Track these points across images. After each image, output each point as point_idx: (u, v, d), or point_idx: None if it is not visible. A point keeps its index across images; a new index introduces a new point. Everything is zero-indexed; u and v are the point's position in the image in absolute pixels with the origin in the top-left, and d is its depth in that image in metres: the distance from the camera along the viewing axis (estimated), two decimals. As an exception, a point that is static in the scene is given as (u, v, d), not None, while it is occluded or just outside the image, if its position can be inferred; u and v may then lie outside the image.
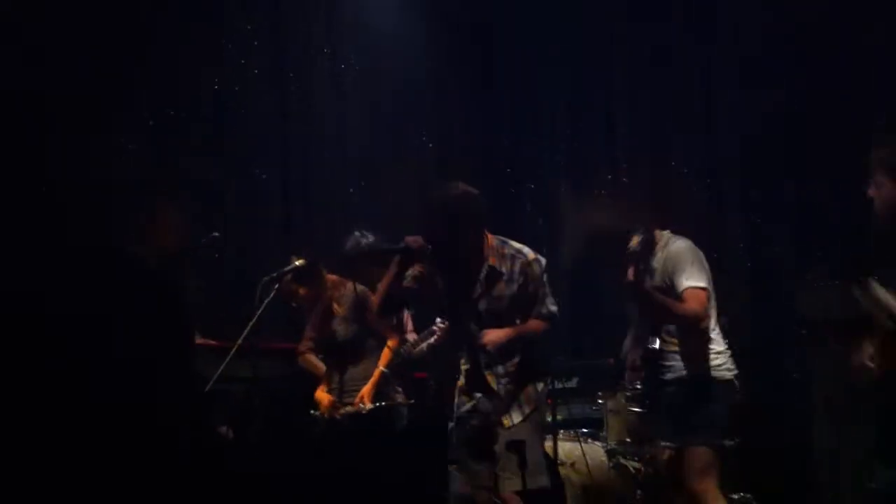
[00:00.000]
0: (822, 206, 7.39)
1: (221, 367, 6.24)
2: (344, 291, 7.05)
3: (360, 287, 6.97)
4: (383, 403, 6.80)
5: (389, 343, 6.95)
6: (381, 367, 6.90)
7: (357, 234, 7.24)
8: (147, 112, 8.19)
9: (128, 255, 3.82)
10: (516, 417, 5.71)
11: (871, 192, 5.12)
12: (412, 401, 6.95)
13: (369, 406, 6.78)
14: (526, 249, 5.75)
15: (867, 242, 5.96)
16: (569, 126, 9.14)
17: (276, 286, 6.68)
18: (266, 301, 6.56)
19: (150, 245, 6.85)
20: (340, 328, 7.08)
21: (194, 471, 4.47)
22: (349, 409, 6.85)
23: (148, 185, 7.76)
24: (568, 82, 9.12)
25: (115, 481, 3.19)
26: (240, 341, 6.33)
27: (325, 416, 6.93)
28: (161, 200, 7.04)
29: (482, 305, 5.72)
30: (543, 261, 5.77)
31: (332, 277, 7.11)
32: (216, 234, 6.75)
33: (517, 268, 5.70)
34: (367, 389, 6.84)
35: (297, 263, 6.78)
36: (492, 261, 5.70)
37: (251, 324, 6.41)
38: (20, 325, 2.98)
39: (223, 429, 6.70)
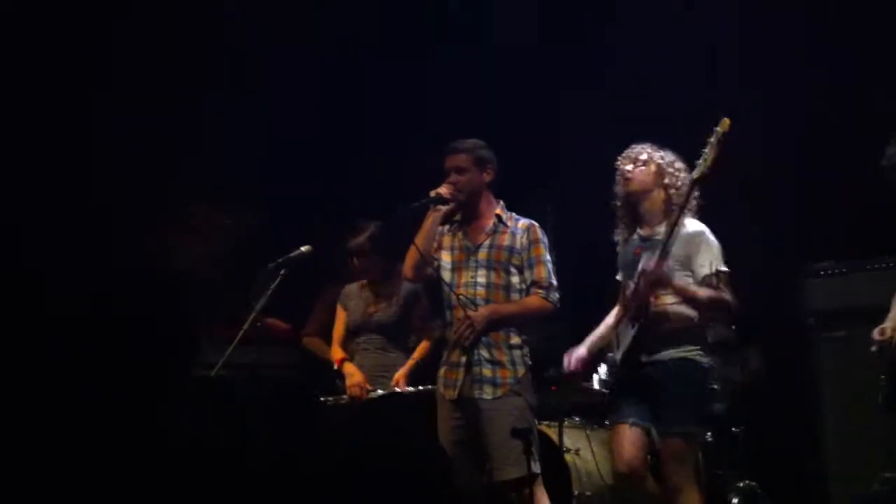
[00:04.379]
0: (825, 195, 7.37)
1: (226, 354, 6.26)
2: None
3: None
4: (427, 387, 6.49)
5: (426, 340, 6.92)
6: (416, 357, 6.88)
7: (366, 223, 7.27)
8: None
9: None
10: (488, 392, 5.68)
11: None
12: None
13: (408, 389, 6.69)
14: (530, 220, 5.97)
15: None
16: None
17: (282, 272, 6.66)
18: (272, 287, 6.55)
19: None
20: (382, 313, 7.04)
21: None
22: (381, 392, 6.75)
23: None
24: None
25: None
26: (245, 327, 6.33)
27: (352, 394, 6.81)
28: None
29: (484, 254, 5.82)
30: (546, 238, 5.88)
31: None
32: (305, 248, 6.60)
33: (520, 225, 5.88)
34: (402, 374, 6.78)
35: (303, 249, 6.73)
36: (499, 211, 5.90)
37: (256, 310, 6.41)
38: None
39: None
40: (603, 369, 6.33)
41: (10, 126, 7.40)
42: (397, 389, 6.74)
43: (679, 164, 5.68)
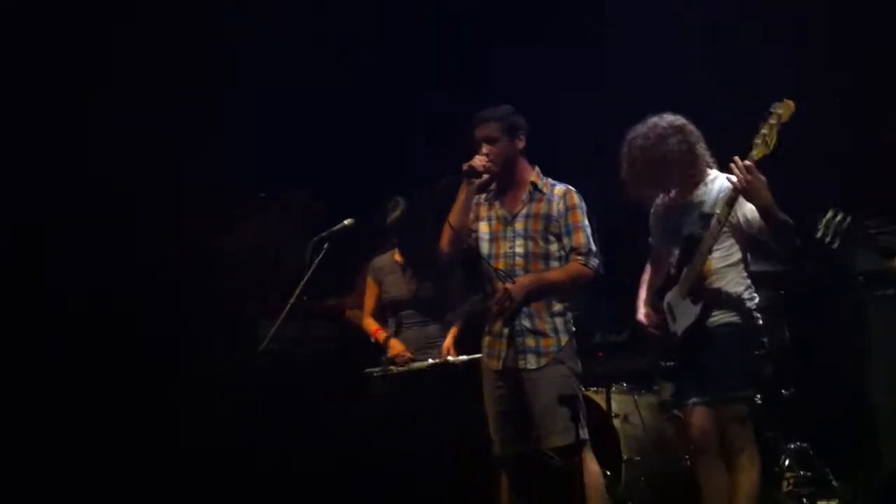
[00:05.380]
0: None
1: (273, 329, 6.18)
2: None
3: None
4: (476, 356, 6.35)
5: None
6: (459, 326, 6.89)
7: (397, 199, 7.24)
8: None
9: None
10: (532, 362, 5.68)
11: None
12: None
13: (461, 357, 6.68)
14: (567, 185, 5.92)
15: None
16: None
17: (326, 246, 6.59)
18: (316, 261, 6.48)
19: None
20: (423, 290, 7.08)
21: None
22: (432, 361, 6.79)
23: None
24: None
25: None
26: (292, 301, 6.25)
27: (399, 364, 6.84)
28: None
29: (521, 223, 5.81)
30: (583, 203, 5.84)
31: None
32: (347, 221, 6.50)
33: (556, 191, 5.85)
34: (449, 343, 6.81)
35: (345, 223, 6.68)
36: (534, 178, 5.88)
37: (301, 284, 6.33)
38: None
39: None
40: None
41: (11, 126, 7.31)
42: (450, 359, 6.73)
43: (666, 121, 5.68)
